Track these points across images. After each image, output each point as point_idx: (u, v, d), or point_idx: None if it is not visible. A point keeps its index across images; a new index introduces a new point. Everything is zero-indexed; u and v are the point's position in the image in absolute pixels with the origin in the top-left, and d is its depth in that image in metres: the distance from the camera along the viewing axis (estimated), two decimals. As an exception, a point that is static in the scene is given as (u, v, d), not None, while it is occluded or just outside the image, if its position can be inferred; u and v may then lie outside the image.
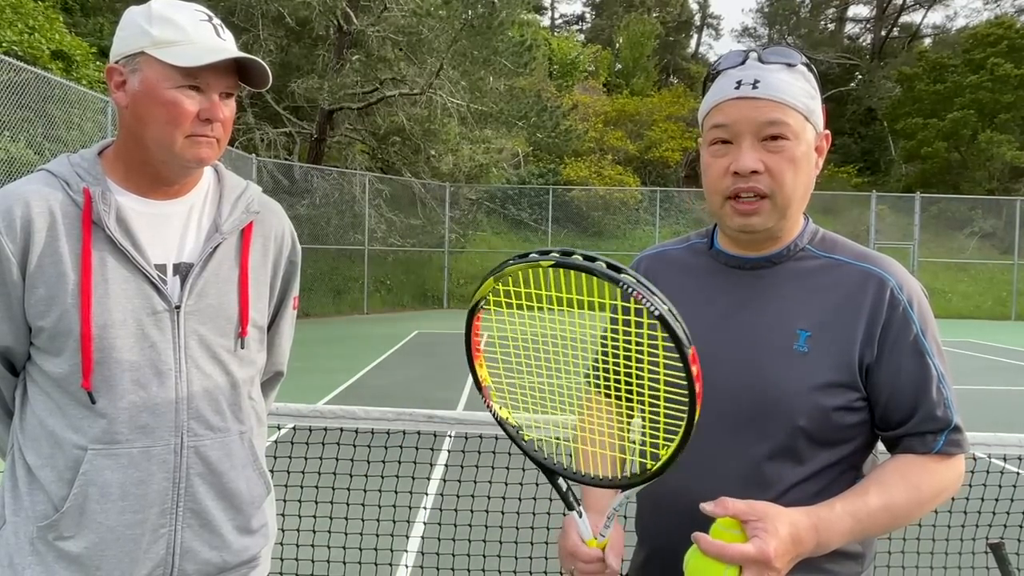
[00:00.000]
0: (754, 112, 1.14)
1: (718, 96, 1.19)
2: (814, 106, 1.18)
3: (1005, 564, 2.09)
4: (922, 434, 1.15)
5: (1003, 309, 21.74)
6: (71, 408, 1.28)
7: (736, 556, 0.96)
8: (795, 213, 1.21)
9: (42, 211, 1.26)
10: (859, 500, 1.09)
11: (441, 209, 21.08)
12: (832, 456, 1.17)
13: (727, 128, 1.17)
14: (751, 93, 1.15)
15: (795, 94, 1.16)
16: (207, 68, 1.27)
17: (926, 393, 1.15)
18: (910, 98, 29.90)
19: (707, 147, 1.21)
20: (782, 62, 1.17)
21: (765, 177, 1.15)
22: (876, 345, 1.15)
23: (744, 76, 1.16)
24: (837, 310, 1.17)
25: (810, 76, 1.19)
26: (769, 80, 1.15)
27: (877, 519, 1.09)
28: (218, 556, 1.37)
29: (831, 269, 1.21)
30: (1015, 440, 2.38)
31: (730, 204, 1.18)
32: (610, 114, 28.32)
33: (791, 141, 1.15)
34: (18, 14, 10.47)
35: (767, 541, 0.96)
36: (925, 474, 1.13)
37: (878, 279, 1.18)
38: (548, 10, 44.16)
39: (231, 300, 1.37)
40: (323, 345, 12.24)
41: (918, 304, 1.18)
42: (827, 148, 1.24)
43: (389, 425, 2.44)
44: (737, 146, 1.16)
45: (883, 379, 1.16)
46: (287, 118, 18.49)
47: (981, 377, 10.35)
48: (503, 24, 18.00)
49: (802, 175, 1.17)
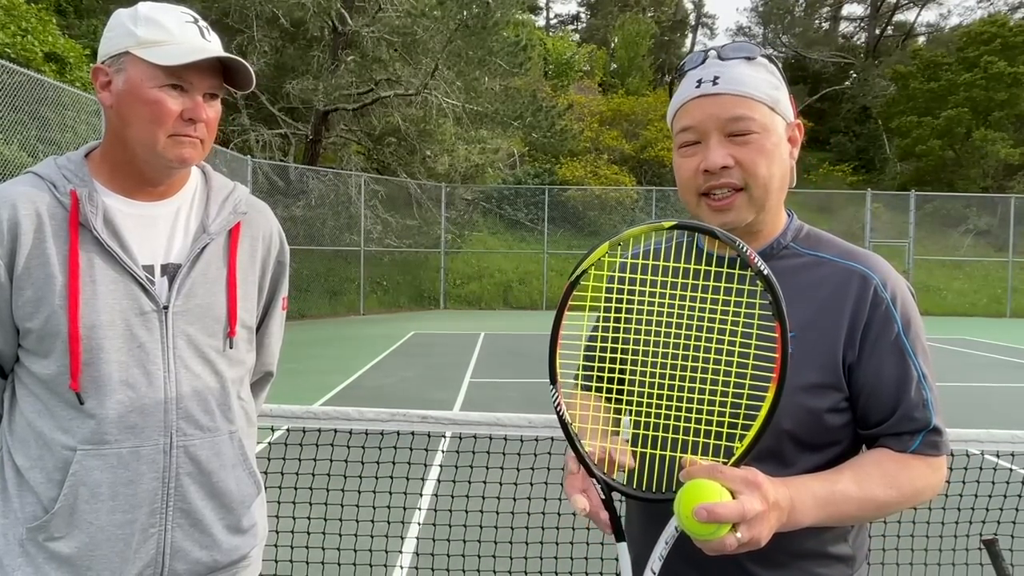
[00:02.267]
0: (717, 108, 1.14)
1: (681, 98, 1.19)
2: (779, 96, 1.17)
3: (998, 560, 2.09)
4: (899, 434, 1.14)
5: (998, 306, 21.79)
6: (60, 409, 1.28)
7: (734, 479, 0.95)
8: (774, 206, 1.20)
9: (29, 213, 1.26)
10: (834, 479, 1.07)
11: (437, 209, 21.07)
12: (819, 459, 1.15)
13: (693, 129, 1.17)
14: (712, 90, 1.14)
15: (757, 86, 1.15)
16: (191, 68, 1.28)
17: (905, 393, 1.13)
18: (905, 96, 29.99)
19: (677, 150, 1.21)
20: (740, 56, 1.16)
21: (736, 170, 1.14)
22: (858, 344, 1.14)
23: (704, 74, 1.16)
24: (821, 310, 1.15)
25: (772, 67, 1.18)
26: (729, 75, 1.15)
27: (851, 500, 1.06)
28: (208, 556, 1.37)
29: (815, 267, 1.20)
30: (1008, 436, 2.39)
31: (704, 201, 1.17)
32: (606, 114, 28.34)
33: (759, 134, 1.14)
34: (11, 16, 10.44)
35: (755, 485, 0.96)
36: (903, 469, 1.12)
37: (861, 276, 1.16)
38: (543, 10, 44.22)
39: (219, 300, 1.37)
40: (319, 346, 12.23)
41: (901, 302, 1.16)
42: (800, 137, 1.22)
43: (383, 426, 2.43)
44: (705, 144, 1.16)
45: (863, 378, 1.14)
46: (282, 119, 18.47)
47: (976, 374, 10.38)
48: (498, 24, 18.01)
49: (776, 166, 1.16)
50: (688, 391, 1.11)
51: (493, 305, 21.16)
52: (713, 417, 1.09)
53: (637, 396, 1.16)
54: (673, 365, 1.13)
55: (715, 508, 0.91)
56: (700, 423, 1.09)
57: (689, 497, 0.94)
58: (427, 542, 3.76)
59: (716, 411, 1.09)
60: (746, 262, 1.00)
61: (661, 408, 1.12)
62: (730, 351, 1.10)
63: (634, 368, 1.17)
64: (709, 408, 1.09)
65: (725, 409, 1.08)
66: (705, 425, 1.09)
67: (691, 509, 0.92)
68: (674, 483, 1.03)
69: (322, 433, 2.56)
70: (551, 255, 22.10)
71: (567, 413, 1.06)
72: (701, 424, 1.09)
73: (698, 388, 1.11)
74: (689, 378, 1.12)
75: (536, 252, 22.35)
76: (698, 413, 1.10)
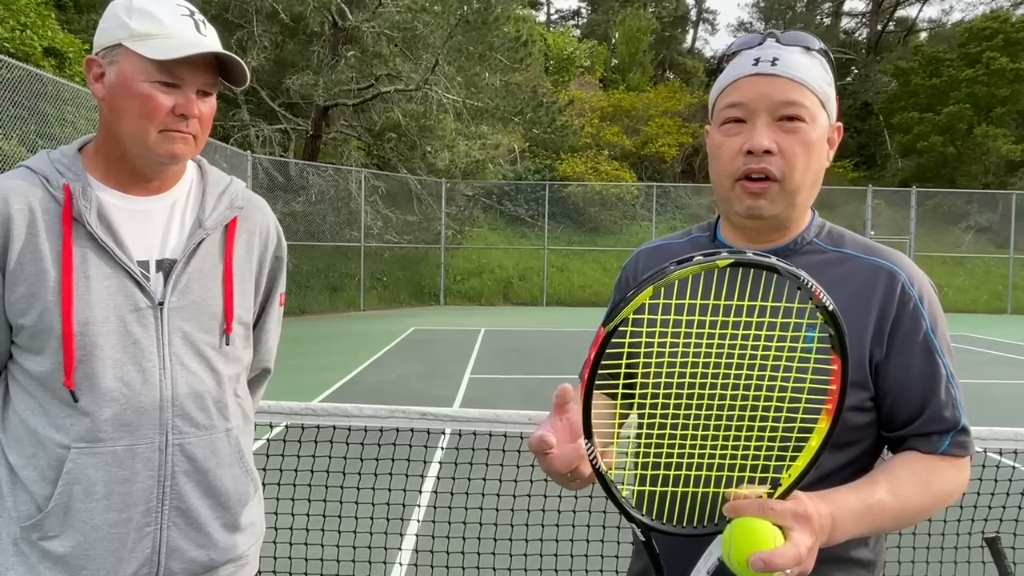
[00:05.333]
0: (772, 89, 1.11)
1: (735, 73, 1.15)
2: (831, 93, 1.15)
3: (1001, 558, 2.08)
4: (927, 435, 1.11)
5: (999, 303, 21.78)
6: (53, 407, 1.26)
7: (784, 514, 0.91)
8: (804, 202, 1.17)
9: (21, 208, 1.25)
10: (871, 490, 1.04)
11: (437, 205, 21.05)
12: (841, 459, 1.12)
13: (743, 106, 1.13)
14: (770, 70, 1.11)
15: (814, 76, 1.12)
16: (183, 63, 1.25)
17: (934, 392, 1.11)
18: (906, 92, 29.90)
19: (719, 127, 1.17)
20: (801, 44, 1.14)
21: (777, 159, 1.11)
22: (886, 342, 1.11)
23: (763, 54, 1.13)
24: (847, 306, 1.10)
25: (827, 64, 1.16)
26: (788, 59, 1.12)
27: (888, 511, 1.04)
28: (205, 554, 1.36)
29: (840, 263, 1.17)
30: (1011, 434, 2.37)
31: (740, 185, 1.14)
32: (606, 109, 28.30)
33: (807, 124, 1.11)
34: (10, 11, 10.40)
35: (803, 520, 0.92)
36: (933, 472, 1.09)
37: (888, 273, 1.14)
38: (544, 5, 44.11)
39: (215, 296, 1.36)
40: (319, 342, 12.22)
41: (928, 300, 1.14)
42: (838, 141, 1.20)
43: (382, 423, 2.42)
44: (751, 125, 1.12)
45: (892, 377, 1.11)
46: (282, 115, 18.45)
47: (977, 371, 10.36)
48: (498, 19, 17.96)
49: (814, 162, 1.14)
50: (736, 419, 1.05)
51: (493, 301, 21.15)
52: (762, 447, 1.03)
53: (680, 424, 1.06)
54: (722, 388, 1.06)
55: (773, 559, 0.87)
56: (747, 454, 1.03)
57: (741, 541, 0.91)
58: (426, 539, 3.75)
59: (766, 441, 1.03)
60: (808, 295, 0.91)
61: (707, 439, 1.04)
62: (784, 379, 1.03)
63: (678, 394, 1.07)
64: (759, 437, 1.03)
65: (775, 439, 1.02)
66: (753, 455, 1.03)
67: (745, 558, 0.89)
68: (716, 515, 0.99)
69: (321, 430, 2.55)
70: (551, 251, 22.08)
71: (602, 463, 0.95)
72: (749, 453, 1.03)
73: (748, 417, 1.05)
74: (738, 407, 1.06)
75: (536, 248, 22.33)
76: (746, 442, 1.03)
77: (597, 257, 22.57)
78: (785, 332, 1.02)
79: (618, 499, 0.98)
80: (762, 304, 1.02)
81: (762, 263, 0.90)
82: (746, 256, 0.89)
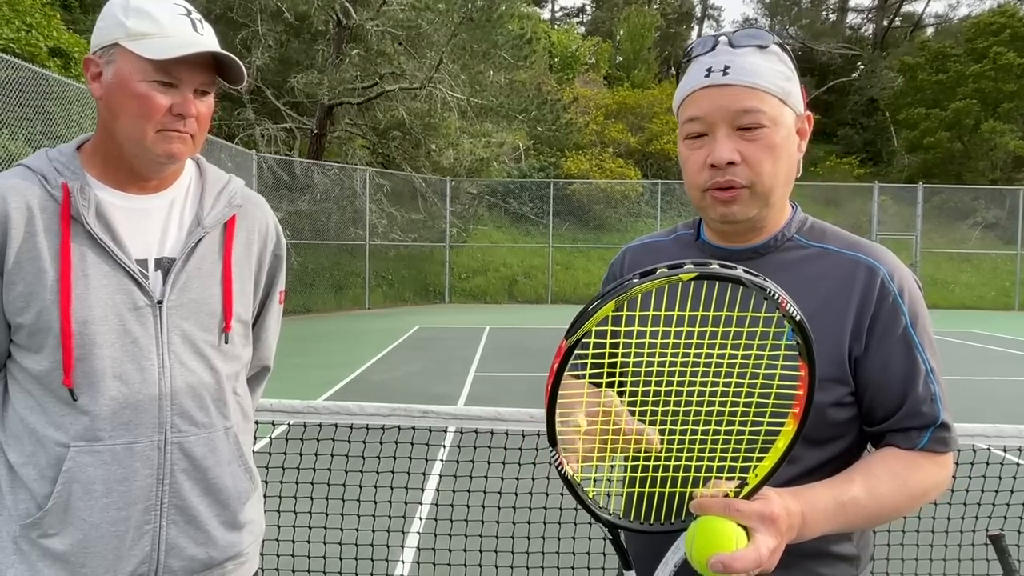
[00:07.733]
0: (726, 100, 1.09)
1: (689, 86, 1.14)
2: (791, 87, 1.13)
3: (1005, 556, 2.07)
4: (906, 430, 1.11)
5: (1006, 299, 21.68)
6: (52, 405, 1.26)
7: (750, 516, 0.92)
8: (779, 201, 1.17)
9: (19, 206, 1.25)
10: (845, 488, 1.04)
11: (442, 204, 21.06)
12: (823, 455, 1.12)
13: (701, 120, 1.12)
14: (721, 80, 1.09)
15: (769, 77, 1.11)
16: (181, 63, 1.25)
17: (913, 388, 1.10)
18: (912, 88, 29.77)
19: (683, 140, 1.17)
20: (753, 44, 1.12)
21: (743, 168, 1.10)
22: (864, 337, 1.11)
23: (714, 63, 1.11)
24: (826, 302, 1.12)
25: (784, 56, 1.14)
26: (740, 65, 1.10)
27: (862, 509, 1.04)
28: (204, 552, 1.36)
29: (820, 259, 1.17)
30: (1016, 432, 2.36)
31: (710, 194, 1.14)
32: (611, 107, 28.23)
33: (768, 128, 1.10)
34: (15, 11, 10.45)
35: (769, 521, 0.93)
36: (911, 469, 1.09)
37: (867, 267, 1.13)
38: (548, 2, 44.06)
39: (214, 295, 1.36)
40: (324, 340, 12.24)
41: (909, 294, 1.13)
42: (810, 129, 1.19)
43: (384, 421, 2.43)
44: (712, 137, 1.12)
45: (870, 372, 1.11)
46: (287, 114, 18.48)
47: (984, 368, 10.32)
48: (502, 17, 17.95)
49: (782, 162, 1.13)
50: (702, 423, 1.05)
51: (498, 299, 21.16)
52: (728, 448, 1.03)
53: (648, 420, 1.06)
54: (688, 394, 1.06)
55: (732, 562, 0.88)
56: (714, 453, 1.04)
57: (703, 541, 0.91)
58: (429, 537, 3.75)
59: (732, 441, 1.03)
60: (775, 306, 0.91)
61: (674, 443, 1.04)
62: (751, 384, 1.04)
63: (644, 401, 1.07)
64: (725, 438, 1.04)
65: (742, 441, 1.03)
66: (720, 455, 1.04)
67: (706, 559, 0.90)
68: (683, 512, 1.00)
69: (323, 428, 2.55)
70: (556, 249, 22.07)
71: (568, 467, 0.97)
72: (716, 453, 1.04)
73: (715, 421, 1.05)
74: (704, 412, 1.06)
75: (541, 246, 22.32)
76: (713, 444, 1.04)
77: (602, 255, 22.53)
78: (752, 340, 1.03)
79: (584, 499, 0.99)
80: (728, 314, 1.03)
81: (727, 276, 0.88)
82: (710, 269, 0.88)
